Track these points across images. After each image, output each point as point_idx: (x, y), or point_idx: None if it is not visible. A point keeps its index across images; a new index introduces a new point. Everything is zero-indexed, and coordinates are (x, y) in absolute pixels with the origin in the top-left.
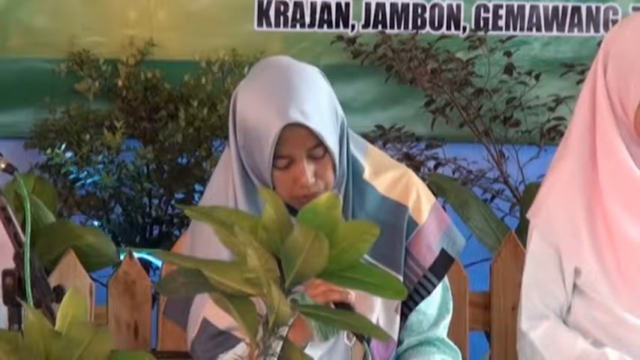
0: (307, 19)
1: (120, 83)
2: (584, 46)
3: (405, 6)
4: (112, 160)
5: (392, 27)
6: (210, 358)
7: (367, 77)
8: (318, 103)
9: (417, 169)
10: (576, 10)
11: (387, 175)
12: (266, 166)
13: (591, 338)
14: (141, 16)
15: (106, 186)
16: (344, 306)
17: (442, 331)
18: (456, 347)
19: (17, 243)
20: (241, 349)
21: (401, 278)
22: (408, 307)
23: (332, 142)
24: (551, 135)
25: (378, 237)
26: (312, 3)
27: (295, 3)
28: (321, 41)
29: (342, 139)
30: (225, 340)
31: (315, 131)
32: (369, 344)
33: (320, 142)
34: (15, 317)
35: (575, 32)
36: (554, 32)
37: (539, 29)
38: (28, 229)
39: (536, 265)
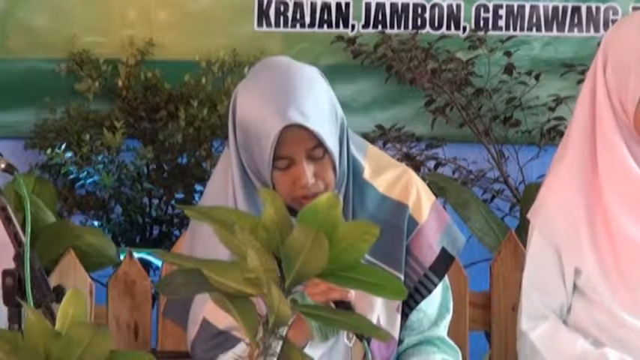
0: (307, 19)
1: (120, 83)
2: (584, 46)
3: (405, 6)
4: (112, 160)
5: (392, 27)
6: (210, 358)
7: (367, 77)
8: (318, 104)
9: (417, 169)
10: (576, 10)
11: (386, 175)
12: (266, 166)
13: (591, 338)
14: (141, 16)
15: (106, 186)
16: (344, 305)
17: (442, 330)
18: (456, 346)
19: (17, 243)
20: (241, 349)
21: (402, 277)
22: (408, 306)
23: (332, 142)
24: (551, 135)
25: (379, 236)
26: (312, 3)
27: (295, 3)
28: (321, 41)
29: (342, 139)
30: (225, 340)
31: (315, 132)
32: (369, 343)
33: (320, 143)
34: (15, 317)
35: (575, 32)
36: (554, 32)
37: (539, 29)
38: (28, 229)
39: (537, 265)
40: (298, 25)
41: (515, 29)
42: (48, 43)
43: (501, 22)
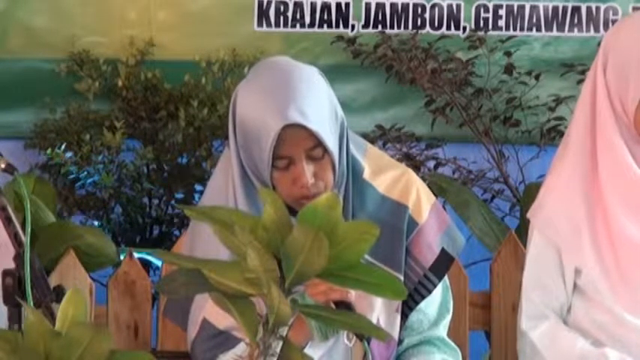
0: (307, 19)
1: (120, 83)
2: (584, 46)
3: (405, 6)
4: (112, 160)
5: (392, 27)
6: (209, 358)
7: (367, 77)
8: (318, 104)
9: (417, 169)
10: (576, 10)
11: (386, 175)
12: (265, 166)
13: (591, 338)
14: (141, 16)
15: (106, 186)
16: (344, 305)
17: (442, 330)
18: (455, 347)
19: (17, 243)
20: (241, 349)
21: (401, 278)
22: (408, 306)
23: (331, 142)
24: (551, 135)
25: (379, 237)
26: (312, 3)
27: (295, 3)
28: (321, 41)
29: (341, 139)
30: (225, 340)
31: (314, 132)
32: (369, 344)
33: (319, 143)
34: (15, 317)
35: (575, 32)
36: (554, 32)
37: (539, 29)
38: (28, 229)
39: (537, 265)
40: (298, 25)
41: (515, 29)
42: (48, 43)
43: (501, 22)
